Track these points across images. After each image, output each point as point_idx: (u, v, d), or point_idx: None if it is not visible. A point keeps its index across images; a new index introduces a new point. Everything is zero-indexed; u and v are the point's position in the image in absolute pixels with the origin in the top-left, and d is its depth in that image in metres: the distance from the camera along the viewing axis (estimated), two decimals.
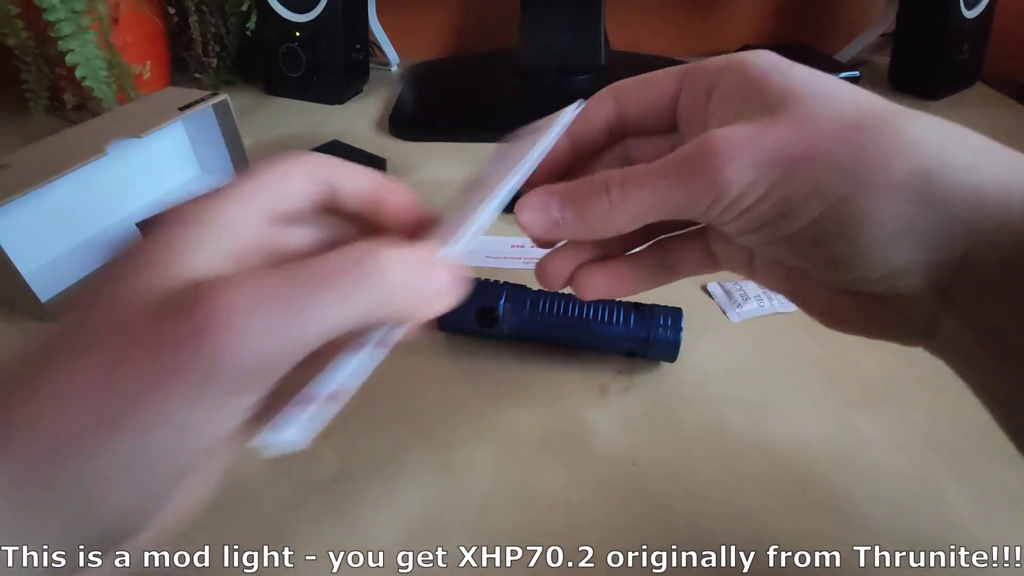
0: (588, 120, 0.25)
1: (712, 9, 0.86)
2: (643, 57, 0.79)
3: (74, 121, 0.62)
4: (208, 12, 0.68)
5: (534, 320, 0.35)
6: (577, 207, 0.21)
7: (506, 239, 0.46)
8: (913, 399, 0.34)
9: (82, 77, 0.55)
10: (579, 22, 0.71)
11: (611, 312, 0.35)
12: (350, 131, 0.63)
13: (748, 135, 0.18)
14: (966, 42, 0.69)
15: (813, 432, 0.32)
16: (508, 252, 0.45)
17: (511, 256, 0.45)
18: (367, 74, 0.74)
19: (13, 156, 0.39)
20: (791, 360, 0.37)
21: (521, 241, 0.46)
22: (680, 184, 0.19)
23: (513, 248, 0.45)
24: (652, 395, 0.34)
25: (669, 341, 0.35)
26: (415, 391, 0.35)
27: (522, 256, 0.45)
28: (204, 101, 0.46)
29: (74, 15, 0.53)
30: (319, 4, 0.65)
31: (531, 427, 0.32)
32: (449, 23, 0.86)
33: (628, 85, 0.24)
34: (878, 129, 0.18)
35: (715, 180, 0.18)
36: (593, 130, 0.25)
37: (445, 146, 0.61)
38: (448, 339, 0.38)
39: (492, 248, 0.46)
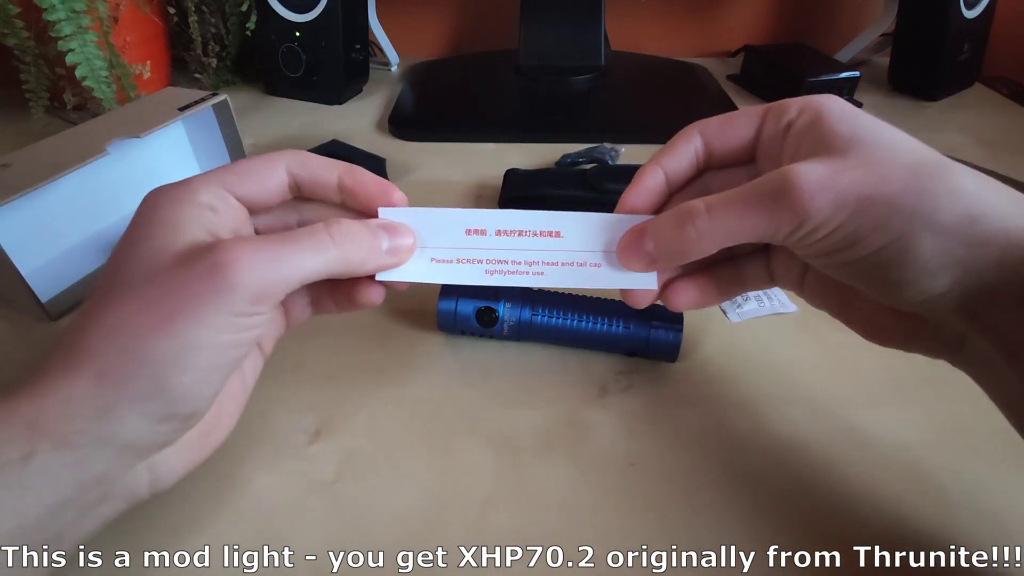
0: (678, 155, 0.27)
1: (712, 9, 0.86)
2: (643, 57, 0.79)
3: (74, 121, 0.62)
4: (208, 12, 0.68)
5: (534, 320, 0.35)
6: (668, 239, 0.25)
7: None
8: (913, 399, 0.34)
9: (82, 77, 0.55)
10: (579, 22, 0.71)
11: (611, 312, 0.35)
12: (350, 131, 0.63)
13: (827, 175, 0.21)
14: (966, 42, 0.69)
15: (813, 432, 0.32)
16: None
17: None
18: (367, 74, 0.74)
19: (13, 156, 0.39)
20: (791, 360, 0.37)
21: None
22: (764, 213, 0.22)
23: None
24: (652, 395, 0.34)
25: (669, 341, 0.35)
26: (415, 392, 0.35)
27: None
28: (204, 101, 0.46)
29: (74, 15, 0.53)
30: (319, 4, 0.65)
31: (531, 427, 0.32)
32: (449, 23, 0.86)
33: (712, 123, 0.27)
34: (932, 176, 0.21)
35: (798, 211, 0.21)
36: (683, 165, 0.27)
37: (445, 146, 0.61)
38: (448, 339, 0.38)
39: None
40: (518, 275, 0.27)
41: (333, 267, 0.24)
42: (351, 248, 0.25)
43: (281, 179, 0.26)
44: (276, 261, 0.23)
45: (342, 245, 0.24)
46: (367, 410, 0.33)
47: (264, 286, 0.22)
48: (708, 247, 0.24)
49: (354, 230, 0.25)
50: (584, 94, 0.69)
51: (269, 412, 0.33)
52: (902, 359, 0.27)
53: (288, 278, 0.23)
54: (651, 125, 0.64)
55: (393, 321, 0.39)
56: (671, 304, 0.28)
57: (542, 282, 0.27)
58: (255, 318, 0.23)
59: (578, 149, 0.57)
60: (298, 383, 0.35)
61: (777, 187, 0.22)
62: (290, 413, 0.33)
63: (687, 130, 0.27)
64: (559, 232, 0.27)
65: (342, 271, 0.25)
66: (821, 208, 0.21)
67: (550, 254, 0.27)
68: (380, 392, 0.34)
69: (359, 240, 0.25)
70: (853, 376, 0.36)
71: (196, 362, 0.22)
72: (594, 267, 0.27)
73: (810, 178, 0.21)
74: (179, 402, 0.22)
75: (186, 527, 0.28)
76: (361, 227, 0.25)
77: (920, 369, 0.35)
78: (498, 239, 0.27)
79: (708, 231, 0.23)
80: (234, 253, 0.22)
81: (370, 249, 0.26)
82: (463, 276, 0.27)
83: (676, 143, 0.27)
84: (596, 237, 0.27)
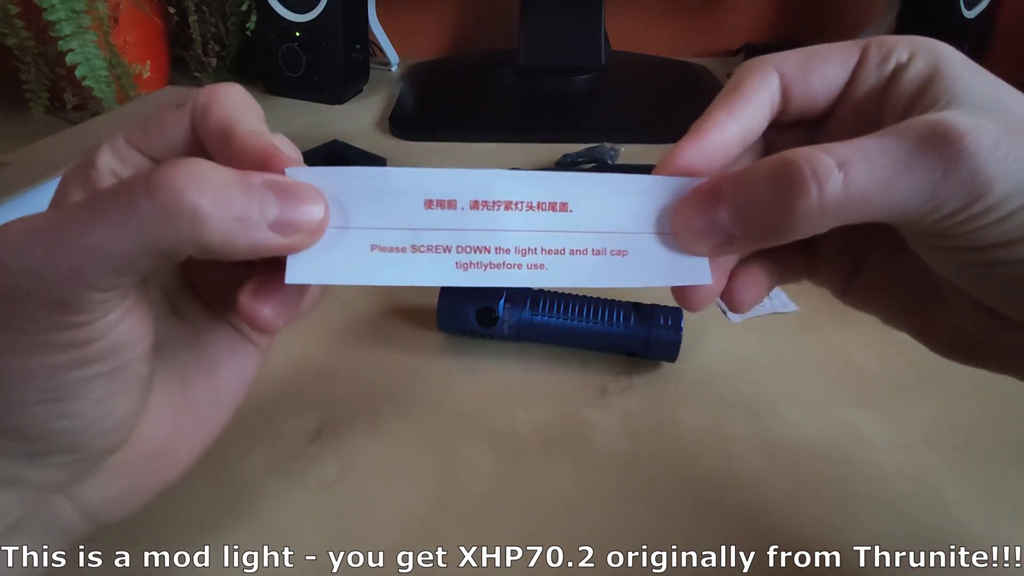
0: (753, 104, 0.19)
1: (712, 9, 0.86)
2: (643, 57, 0.79)
3: (74, 121, 0.62)
4: (208, 12, 0.68)
5: (534, 320, 0.35)
6: (764, 208, 0.17)
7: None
8: (913, 399, 0.34)
9: (82, 77, 0.55)
10: (579, 22, 0.71)
11: (611, 312, 0.35)
12: (350, 131, 0.63)
13: (1004, 135, 0.15)
14: (966, 42, 0.69)
15: (813, 432, 0.32)
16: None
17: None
18: (367, 74, 0.74)
19: (13, 156, 0.39)
20: (791, 360, 0.37)
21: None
22: (924, 178, 0.15)
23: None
24: (652, 395, 0.34)
25: (669, 341, 0.35)
26: (415, 391, 0.35)
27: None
28: None
29: (74, 15, 0.53)
30: (319, 4, 0.65)
31: (531, 427, 0.32)
32: (449, 23, 0.86)
33: (791, 60, 0.19)
34: None
35: (975, 176, 0.15)
36: (758, 120, 0.19)
37: (445, 146, 0.61)
38: (448, 339, 0.38)
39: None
40: (505, 269, 0.18)
41: (161, 244, 0.15)
42: (192, 212, 0.15)
43: (185, 125, 0.18)
44: (52, 241, 0.15)
45: (173, 205, 0.14)
46: (367, 410, 0.33)
47: (39, 279, 0.15)
48: (827, 225, 0.16)
49: (207, 178, 0.15)
50: (584, 94, 0.69)
51: (269, 411, 0.33)
52: (902, 359, 0.27)
53: (76, 268, 0.15)
54: (651, 125, 0.64)
55: (393, 321, 0.39)
56: (739, 304, 0.21)
57: (542, 279, 0.18)
58: (55, 315, 0.15)
59: (578, 149, 0.57)
60: (298, 382, 0.35)
61: (940, 139, 0.15)
62: (290, 413, 0.33)
63: (758, 67, 0.19)
64: (566, 204, 0.18)
65: (182, 250, 0.15)
66: (1005, 176, 0.15)
67: (554, 237, 0.18)
68: (380, 392, 0.34)
69: (215, 198, 0.15)
70: (853, 376, 0.35)
71: (11, 398, 0.16)
72: (617, 255, 0.19)
73: (986, 135, 0.15)
74: (34, 441, 0.17)
75: (186, 527, 0.28)
76: (222, 176, 0.15)
77: (920, 369, 0.35)
78: (475, 214, 0.18)
79: (839, 200, 0.15)
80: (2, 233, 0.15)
81: (237, 218, 0.15)
82: (420, 273, 0.18)
83: (748, 84, 0.19)
84: (623, 210, 0.19)
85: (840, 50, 0.19)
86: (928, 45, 0.18)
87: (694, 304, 0.20)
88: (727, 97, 0.19)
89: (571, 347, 0.37)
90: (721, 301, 0.21)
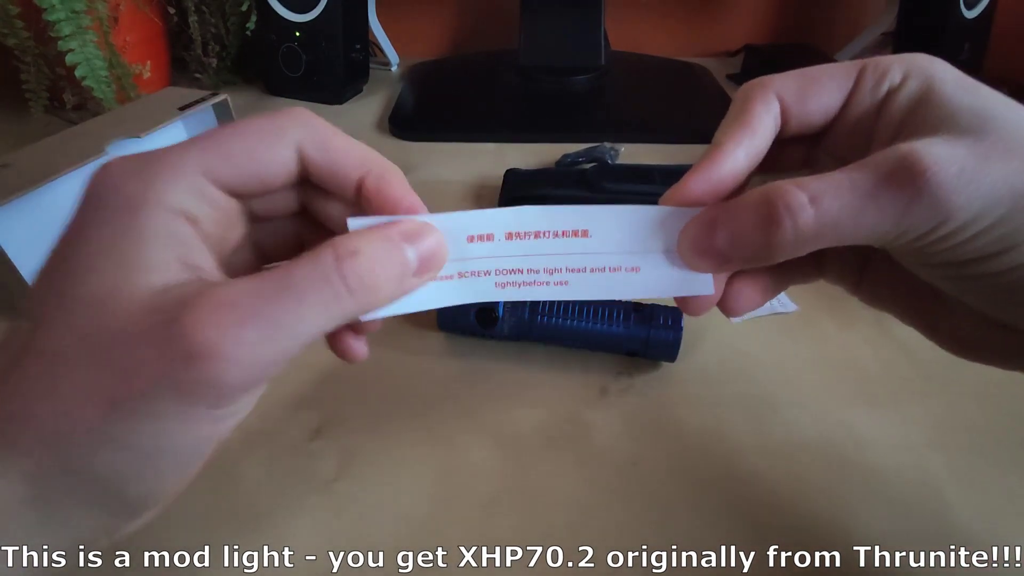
0: (759, 131, 0.20)
1: (712, 9, 0.86)
2: (643, 57, 0.79)
3: (74, 121, 0.62)
4: (208, 12, 0.68)
5: (534, 320, 0.35)
6: (751, 237, 0.18)
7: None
8: (914, 399, 0.34)
9: (82, 77, 0.55)
10: (579, 22, 0.71)
11: (611, 312, 0.35)
12: (350, 131, 0.62)
13: (971, 160, 0.16)
14: (966, 42, 0.69)
15: (813, 432, 0.32)
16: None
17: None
18: (367, 74, 0.74)
19: (13, 156, 0.39)
20: (791, 360, 0.37)
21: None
22: (889, 208, 0.17)
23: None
24: (652, 395, 0.34)
25: (669, 341, 0.35)
26: (415, 391, 0.35)
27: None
28: (204, 101, 0.46)
29: (74, 15, 0.53)
30: (319, 4, 0.65)
31: (531, 427, 0.32)
32: (449, 23, 0.86)
33: (790, 83, 0.20)
34: None
35: (938, 207, 0.16)
36: (762, 145, 0.20)
37: (445, 146, 0.61)
38: (448, 339, 0.38)
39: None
40: (536, 287, 0.22)
41: (349, 318, 0.18)
42: (375, 285, 0.18)
43: (286, 161, 0.20)
44: (270, 332, 0.16)
45: (363, 286, 0.18)
46: (368, 408, 0.33)
47: (255, 372, 0.17)
48: (805, 249, 0.18)
49: (377, 255, 0.18)
50: (584, 94, 0.69)
51: (269, 409, 0.33)
52: (902, 359, 0.27)
53: (288, 350, 0.17)
54: (651, 125, 0.64)
55: (393, 321, 0.39)
56: (734, 310, 0.22)
57: (567, 294, 0.22)
58: (227, 408, 0.17)
59: (578, 149, 0.57)
60: (299, 380, 0.35)
61: (904, 173, 0.16)
62: (290, 410, 0.33)
63: (760, 91, 0.20)
64: (586, 231, 0.22)
65: (358, 316, 0.19)
66: (970, 201, 0.16)
67: (576, 258, 0.22)
68: (380, 391, 0.34)
69: (386, 267, 0.18)
70: (853, 376, 0.35)
71: (157, 468, 0.17)
72: (631, 272, 0.22)
73: (950, 164, 0.16)
74: (135, 505, 0.18)
75: (186, 527, 0.28)
76: (384, 247, 0.18)
77: (921, 369, 0.35)
78: (509, 244, 0.22)
79: (811, 230, 0.17)
80: (214, 332, 0.16)
81: (400, 274, 0.19)
82: (469, 294, 0.22)
83: (752, 111, 0.20)
84: (635, 235, 0.21)
85: (837, 74, 0.20)
86: (922, 65, 0.19)
87: (696, 310, 0.22)
88: (734, 126, 0.20)
89: (571, 347, 0.37)
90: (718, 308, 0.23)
